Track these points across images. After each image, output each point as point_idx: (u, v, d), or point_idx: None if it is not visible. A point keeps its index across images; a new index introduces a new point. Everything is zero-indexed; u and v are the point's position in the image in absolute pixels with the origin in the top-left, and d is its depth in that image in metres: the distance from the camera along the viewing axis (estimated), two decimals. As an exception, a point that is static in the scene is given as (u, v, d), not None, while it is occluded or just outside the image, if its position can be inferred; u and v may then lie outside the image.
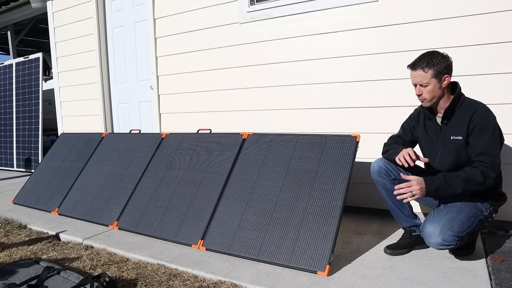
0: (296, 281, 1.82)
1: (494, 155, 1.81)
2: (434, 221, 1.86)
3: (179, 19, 3.63)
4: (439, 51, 1.91)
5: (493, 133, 1.82)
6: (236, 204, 2.36)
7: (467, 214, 1.86)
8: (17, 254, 2.35)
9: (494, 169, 1.79)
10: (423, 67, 1.87)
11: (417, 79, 1.91)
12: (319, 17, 2.90)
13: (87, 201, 3.06)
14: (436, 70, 1.86)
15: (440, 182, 1.82)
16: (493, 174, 1.79)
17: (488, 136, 1.82)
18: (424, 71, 1.87)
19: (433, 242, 1.83)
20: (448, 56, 1.90)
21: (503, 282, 1.73)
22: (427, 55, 1.90)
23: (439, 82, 1.88)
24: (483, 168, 1.79)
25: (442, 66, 1.86)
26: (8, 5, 5.55)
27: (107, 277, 1.77)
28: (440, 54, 1.88)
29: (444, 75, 1.87)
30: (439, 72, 1.86)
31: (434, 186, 1.81)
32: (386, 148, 2.14)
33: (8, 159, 5.46)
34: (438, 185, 1.81)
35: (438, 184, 1.81)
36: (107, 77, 4.48)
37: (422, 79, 1.89)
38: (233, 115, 3.41)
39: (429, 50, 1.95)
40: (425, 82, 1.88)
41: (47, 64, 6.94)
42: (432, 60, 1.86)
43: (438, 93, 1.90)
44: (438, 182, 1.82)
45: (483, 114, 1.84)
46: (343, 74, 2.84)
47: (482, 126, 1.83)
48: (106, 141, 3.48)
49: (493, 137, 1.82)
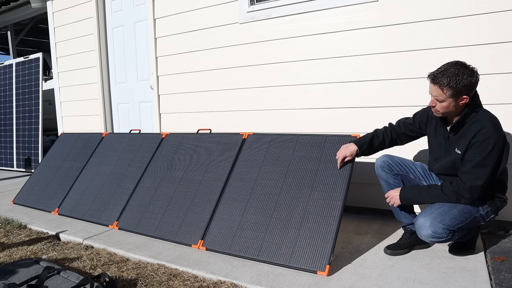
0: (296, 281, 1.82)
1: (478, 177, 1.77)
2: (426, 214, 1.88)
3: (179, 19, 3.63)
4: (468, 65, 1.77)
5: (487, 155, 1.75)
6: (236, 204, 2.36)
7: (461, 209, 1.86)
8: (17, 254, 2.35)
9: (470, 191, 1.79)
10: (442, 86, 1.76)
11: (434, 93, 1.82)
12: (319, 17, 2.90)
13: (87, 201, 3.06)
14: (456, 90, 1.74)
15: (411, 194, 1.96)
16: (467, 195, 1.80)
17: (481, 158, 1.76)
18: (442, 90, 1.77)
19: (423, 234, 1.85)
20: (476, 73, 1.75)
21: (503, 282, 1.73)
22: (451, 69, 1.75)
23: (455, 101, 1.79)
24: (458, 188, 1.82)
25: (464, 86, 1.73)
26: (8, 5, 5.55)
27: (107, 277, 1.76)
28: (467, 72, 1.73)
29: (463, 95, 1.77)
30: (458, 93, 1.75)
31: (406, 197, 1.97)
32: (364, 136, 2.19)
33: (8, 159, 5.45)
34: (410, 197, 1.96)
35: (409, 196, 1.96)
36: (107, 77, 4.48)
37: (438, 96, 1.80)
38: (233, 115, 3.41)
39: (457, 62, 1.79)
40: (440, 98, 1.80)
41: (47, 64, 6.94)
42: (455, 78, 1.73)
43: (452, 110, 1.83)
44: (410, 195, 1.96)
45: (486, 135, 1.76)
46: (343, 74, 2.84)
47: (480, 145, 1.77)
48: (106, 141, 3.48)
49: (486, 159, 1.76)
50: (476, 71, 1.77)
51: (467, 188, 1.80)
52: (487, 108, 2.38)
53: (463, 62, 1.79)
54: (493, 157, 1.76)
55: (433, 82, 1.81)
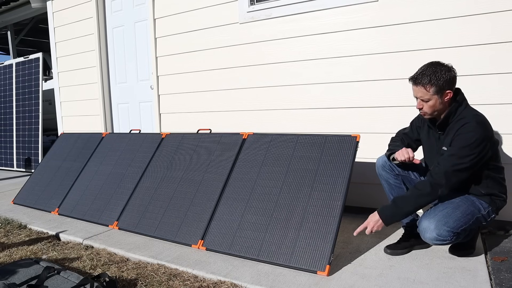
0: (296, 281, 1.82)
1: (453, 164, 1.77)
2: (430, 216, 1.87)
3: (179, 19, 3.63)
4: (443, 63, 1.84)
5: (466, 146, 1.76)
6: (236, 204, 2.36)
7: (464, 210, 1.86)
8: (17, 254, 2.35)
9: (445, 176, 1.77)
10: (425, 85, 1.82)
11: (418, 94, 1.86)
12: (319, 17, 2.90)
13: (87, 201, 3.06)
14: (438, 86, 1.80)
15: (391, 210, 1.86)
16: (442, 180, 1.77)
17: (459, 147, 1.77)
18: (425, 89, 1.82)
19: (428, 237, 1.84)
20: (452, 68, 1.83)
21: (503, 282, 1.73)
22: (429, 68, 1.82)
23: (440, 97, 1.83)
24: (432, 177, 1.80)
25: (445, 81, 1.79)
26: (8, 5, 5.55)
27: (107, 277, 1.77)
28: (444, 68, 1.81)
29: (446, 90, 1.82)
30: (441, 89, 1.81)
31: (386, 214, 1.86)
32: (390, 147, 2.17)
33: (8, 159, 5.46)
34: (391, 213, 1.86)
35: (390, 212, 1.86)
36: (107, 77, 4.48)
37: (422, 95, 1.84)
38: (233, 115, 3.42)
39: (432, 62, 1.87)
40: (426, 98, 1.84)
41: (47, 64, 6.94)
42: (434, 75, 1.79)
43: (440, 107, 1.86)
44: (390, 211, 1.86)
45: (468, 129, 1.78)
46: (343, 74, 2.84)
47: (460, 137, 1.79)
48: (106, 141, 3.48)
49: (464, 150, 1.76)
50: (452, 67, 1.83)
51: (442, 173, 1.78)
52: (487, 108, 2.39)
53: (438, 61, 1.86)
54: (472, 150, 1.76)
55: (415, 83, 1.86)
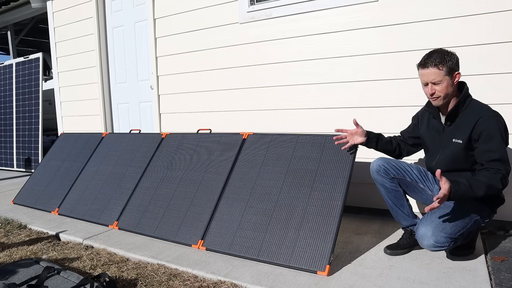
0: (296, 281, 1.82)
1: (507, 162, 1.78)
2: (427, 222, 1.86)
3: (179, 19, 3.63)
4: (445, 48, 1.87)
5: (501, 139, 1.78)
6: (236, 204, 2.36)
7: (461, 215, 1.85)
8: (17, 254, 2.35)
9: (508, 175, 1.77)
10: (437, 64, 1.80)
11: (430, 78, 1.84)
12: (318, 17, 2.90)
13: (87, 201, 3.06)
14: (449, 66, 1.80)
15: (465, 188, 1.72)
16: (507, 181, 1.77)
17: (498, 142, 1.77)
18: (438, 68, 1.80)
19: (425, 244, 1.83)
20: (454, 52, 1.86)
21: (503, 282, 1.73)
22: (436, 52, 1.84)
23: (451, 79, 1.83)
24: (501, 175, 1.75)
25: (454, 62, 1.81)
26: (8, 5, 5.55)
27: (107, 277, 1.76)
28: (448, 51, 1.84)
29: (456, 71, 1.83)
30: (451, 69, 1.81)
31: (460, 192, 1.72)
32: None
33: (8, 159, 5.45)
34: (463, 191, 1.72)
35: (463, 190, 1.72)
36: (107, 77, 4.48)
37: (435, 77, 1.82)
38: (233, 115, 3.41)
39: (435, 48, 1.89)
40: (438, 79, 1.82)
41: (47, 64, 6.94)
42: (444, 56, 1.80)
43: (451, 90, 1.85)
44: (463, 188, 1.72)
45: (491, 121, 1.79)
46: (343, 74, 2.84)
47: (490, 132, 1.78)
48: (106, 141, 3.48)
49: (503, 143, 1.79)
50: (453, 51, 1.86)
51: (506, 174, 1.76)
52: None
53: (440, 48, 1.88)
54: (505, 140, 1.80)
55: (426, 66, 1.84)
